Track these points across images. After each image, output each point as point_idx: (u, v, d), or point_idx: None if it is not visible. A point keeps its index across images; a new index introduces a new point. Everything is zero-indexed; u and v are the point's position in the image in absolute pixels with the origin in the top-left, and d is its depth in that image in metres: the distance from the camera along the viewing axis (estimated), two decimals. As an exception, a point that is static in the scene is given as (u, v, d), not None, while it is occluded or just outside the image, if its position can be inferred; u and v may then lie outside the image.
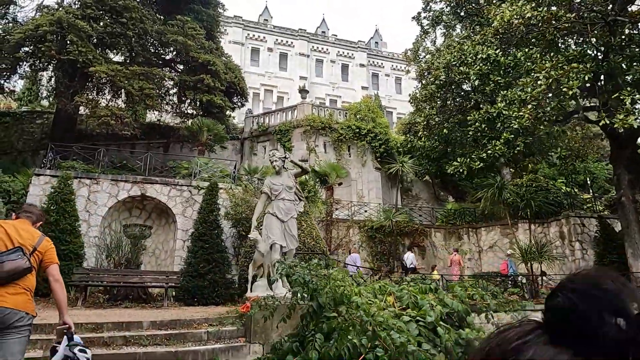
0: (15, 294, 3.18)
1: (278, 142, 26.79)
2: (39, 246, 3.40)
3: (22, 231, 3.42)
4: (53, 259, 3.50)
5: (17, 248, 3.26)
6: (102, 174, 12.98)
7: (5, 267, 3.13)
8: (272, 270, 6.36)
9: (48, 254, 3.47)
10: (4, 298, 3.13)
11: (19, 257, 3.22)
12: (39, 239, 3.46)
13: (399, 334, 2.66)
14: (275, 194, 6.69)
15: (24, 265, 3.21)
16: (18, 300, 3.19)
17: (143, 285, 10.39)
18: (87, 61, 17.69)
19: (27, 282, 3.28)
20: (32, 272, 3.32)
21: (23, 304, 3.20)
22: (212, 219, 12.22)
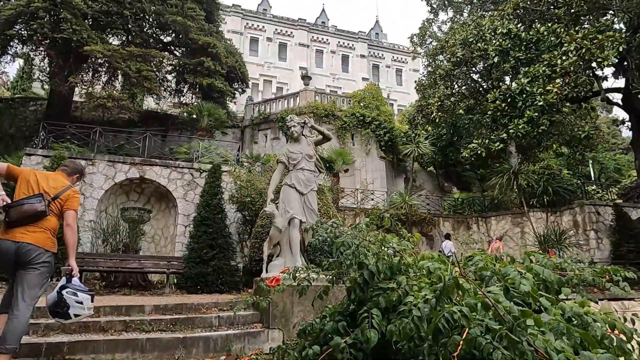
0: (35, 232, 3.60)
1: (280, 129, 25.99)
2: (62, 194, 3.79)
3: (51, 181, 3.86)
4: (70, 207, 3.84)
5: (39, 194, 3.67)
6: (98, 154, 12.18)
7: (23, 209, 3.57)
8: (291, 248, 5.64)
9: (68, 202, 3.85)
10: (24, 235, 3.55)
11: (37, 202, 3.62)
12: (64, 188, 3.85)
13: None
14: (294, 163, 5.95)
15: (39, 209, 3.60)
16: (38, 237, 3.60)
17: (143, 271, 9.65)
18: (81, 40, 16.81)
19: (47, 224, 3.69)
20: (50, 215, 3.71)
21: (42, 240, 3.63)
22: (215, 203, 11.48)
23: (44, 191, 3.75)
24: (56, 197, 3.78)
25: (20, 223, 3.57)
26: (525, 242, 18.97)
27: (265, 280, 5.42)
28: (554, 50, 11.07)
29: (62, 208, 3.82)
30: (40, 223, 3.64)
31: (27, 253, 3.54)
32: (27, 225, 3.59)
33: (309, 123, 6.10)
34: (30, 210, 3.59)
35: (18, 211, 3.58)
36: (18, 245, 3.53)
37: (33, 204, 3.62)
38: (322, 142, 6.29)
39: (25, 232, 3.58)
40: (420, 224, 20.02)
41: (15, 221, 3.57)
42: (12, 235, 3.55)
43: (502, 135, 11.63)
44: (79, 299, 3.72)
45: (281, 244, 5.79)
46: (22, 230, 3.57)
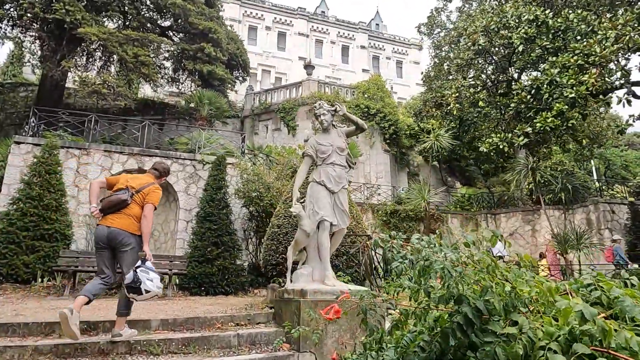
0: (120, 218, 4.32)
1: (281, 120, 25.17)
2: (144, 189, 4.48)
3: (139, 179, 4.60)
4: (149, 200, 4.49)
5: (125, 188, 4.44)
6: (93, 143, 11.29)
7: (111, 198, 4.32)
8: (320, 254, 4.89)
9: (149, 196, 4.50)
10: (113, 222, 4.29)
11: (122, 193, 4.37)
12: (147, 184, 4.55)
13: None
14: (323, 157, 5.15)
15: (123, 198, 4.32)
16: (123, 222, 4.32)
17: (143, 272, 8.85)
18: (75, 22, 15.81)
19: (131, 211, 4.38)
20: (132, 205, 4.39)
21: (127, 225, 4.32)
22: (220, 197, 10.68)
23: (130, 186, 4.51)
24: (139, 191, 4.50)
25: (109, 211, 4.35)
26: (536, 240, 18.40)
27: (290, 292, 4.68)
28: (587, 38, 10.32)
29: (144, 201, 4.49)
30: (125, 211, 4.38)
31: (115, 236, 4.31)
32: (115, 213, 4.36)
33: (341, 110, 5.30)
34: (115, 199, 4.35)
35: (107, 201, 4.39)
36: (110, 230, 4.32)
37: (119, 194, 4.41)
38: (355, 133, 5.49)
39: (115, 219, 4.35)
40: (428, 221, 19.39)
41: (105, 209, 4.36)
42: (104, 221, 4.38)
43: (527, 129, 10.90)
44: (150, 277, 4.21)
45: (308, 249, 5.03)
46: (111, 217, 4.35)
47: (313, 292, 4.47)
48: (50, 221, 9.27)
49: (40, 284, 8.58)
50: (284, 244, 6.41)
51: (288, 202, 6.87)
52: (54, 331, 4.30)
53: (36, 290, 8.15)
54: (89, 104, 20.69)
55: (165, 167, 4.93)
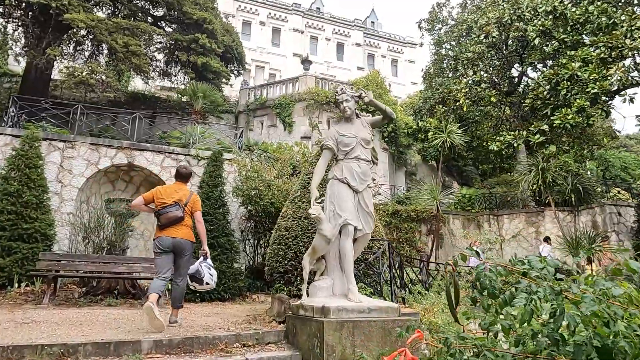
0: (180, 230, 5.28)
1: (277, 116, 24.38)
2: (189, 201, 5.44)
3: (179, 191, 5.50)
4: (197, 208, 5.55)
5: (176, 203, 5.31)
6: (79, 135, 10.43)
7: (169, 215, 5.22)
8: (342, 264, 4.17)
9: (195, 205, 5.53)
10: (176, 232, 5.25)
11: (176, 209, 5.28)
12: (189, 196, 5.50)
13: None
14: (346, 150, 4.40)
15: (179, 215, 5.27)
16: (184, 233, 5.31)
17: (132, 277, 8.06)
18: (61, 7, 14.86)
19: (186, 222, 5.38)
20: (186, 218, 5.36)
21: (186, 235, 5.33)
22: (216, 196, 9.93)
23: (177, 200, 5.29)
24: (186, 204, 5.34)
25: (169, 225, 5.18)
26: (540, 243, 17.88)
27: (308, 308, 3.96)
28: (607, 31, 9.75)
29: (192, 210, 5.42)
30: (182, 222, 5.25)
31: (180, 245, 5.18)
32: (174, 226, 5.19)
33: (367, 96, 4.58)
34: (173, 216, 5.18)
35: (166, 218, 5.19)
36: (176, 240, 5.17)
37: (174, 211, 5.19)
38: (381, 122, 4.78)
39: (176, 230, 5.19)
40: (429, 222, 18.78)
41: (166, 224, 5.18)
42: (168, 233, 5.17)
43: (543, 126, 10.30)
44: (211, 272, 5.28)
45: (327, 258, 4.31)
46: (175, 229, 5.19)
47: (337, 310, 3.75)
48: (30, 220, 8.42)
49: (16, 289, 7.74)
50: (293, 249, 5.68)
51: (296, 202, 6.14)
52: (22, 357, 3.52)
53: (12, 297, 7.32)
54: (77, 96, 19.71)
55: (189, 171, 5.78)
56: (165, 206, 5.21)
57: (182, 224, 5.26)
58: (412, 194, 17.93)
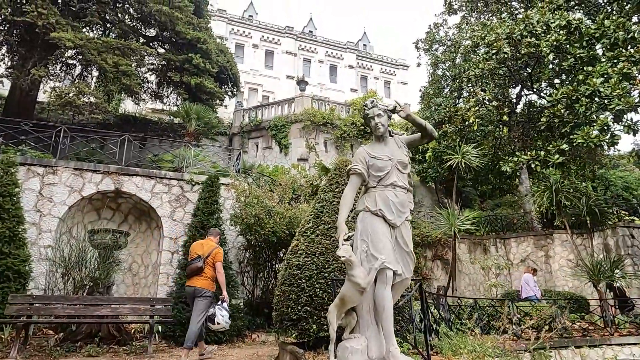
0: (200, 280, 6.31)
1: (273, 138, 23.70)
2: (210, 254, 6.47)
3: (205, 246, 6.61)
4: (217, 259, 6.50)
5: (198, 257, 6.43)
6: (61, 160, 9.52)
7: (191, 267, 6.35)
8: (379, 319, 3.31)
9: (216, 257, 6.51)
10: (195, 282, 6.30)
11: (197, 262, 6.37)
12: (211, 249, 6.53)
13: None
14: (379, 175, 3.57)
15: (198, 266, 6.32)
16: (203, 282, 6.31)
17: (118, 321, 7.06)
18: (48, 26, 14.16)
19: (206, 274, 6.37)
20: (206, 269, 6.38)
21: (204, 285, 6.30)
22: (212, 224, 9.04)
23: (200, 254, 6.47)
24: (207, 256, 6.46)
25: (192, 275, 6.37)
26: (550, 267, 17.09)
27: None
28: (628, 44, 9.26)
29: (213, 262, 6.48)
30: (202, 274, 6.37)
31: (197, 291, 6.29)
32: (196, 276, 6.35)
33: (404, 111, 3.78)
34: (194, 267, 6.36)
35: (189, 269, 6.43)
36: (194, 288, 6.32)
37: (196, 263, 6.38)
38: (420, 142, 3.90)
39: (196, 280, 6.34)
40: (434, 246, 17.94)
41: (189, 274, 6.40)
42: (191, 282, 6.36)
43: (563, 146, 9.65)
44: (222, 314, 6.13)
45: (360, 311, 3.44)
46: (195, 279, 6.35)
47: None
48: (1, 255, 7.44)
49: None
50: (308, 291, 4.80)
51: (309, 235, 5.29)
52: None
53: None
54: (64, 119, 18.84)
55: (216, 230, 7.24)
56: (191, 259, 6.51)
57: (202, 274, 6.34)
58: (415, 217, 17.12)
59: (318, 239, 5.18)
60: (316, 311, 4.68)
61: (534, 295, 11.41)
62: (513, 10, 16.44)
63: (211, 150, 15.00)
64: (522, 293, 11.93)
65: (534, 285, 11.82)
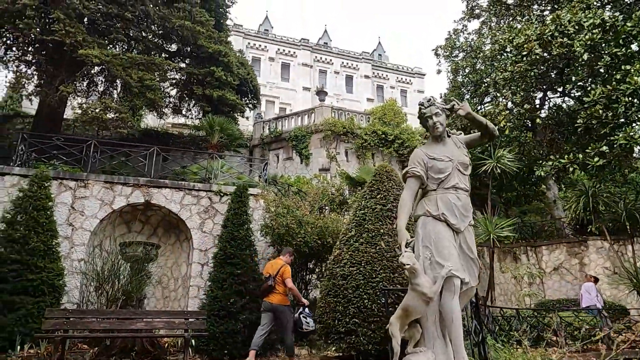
0: (275, 296, 6.98)
1: (293, 149, 23.65)
2: (278, 272, 7.07)
3: (274, 265, 7.28)
4: (284, 276, 7.05)
5: (269, 276, 7.10)
6: (92, 173, 9.57)
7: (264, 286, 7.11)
8: (446, 332, 3.08)
9: (284, 274, 7.06)
10: (271, 299, 6.98)
11: (269, 281, 7.04)
12: (280, 268, 7.13)
13: None
14: (440, 177, 3.36)
15: (269, 284, 7.00)
16: (277, 299, 6.99)
17: (152, 335, 6.94)
18: (75, 44, 14.44)
19: (278, 290, 7.00)
20: (277, 287, 7.00)
21: (279, 300, 6.97)
22: (242, 235, 8.90)
23: (270, 273, 7.14)
24: (277, 274, 7.07)
25: (266, 293, 7.04)
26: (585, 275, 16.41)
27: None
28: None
29: (282, 278, 7.04)
30: (275, 290, 6.99)
31: (274, 307, 6.96)
32: (271, 294, 7.00)
33: (462, 108, 3.57)
34: (266, 286, 7.05)
35: (263, 288, 7.15)
36: (271, 305, 6.98)
37: (267, 282, 7.05)
38: (480, 141, 3.69)
39: (272, 296, 6.99)
40: (463, 255, 17.47)
41: (264, 292, 7.10)
42: (268, 299, 7.01)
43: (603, 148, 9.27)
44: (307, 320, 6.83)
45: (424, 323, 3.21)
46: (271, 296, 6.99)
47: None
48: (37, 269, 7.43)
49: (19, 352, 6.64)
50: (356, 302, 4.59)
51: (352, 244, 5.10)
52: None
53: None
54: (89, 135, 19.16)
55: (288, 250, 7.66)
56: (265, 278, 7.20)
57: (275, 291, 6.96)
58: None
59: (363, 248, 4.97)
60: (365, 323, 4.46)
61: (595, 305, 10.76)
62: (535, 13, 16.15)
63: (234, 161, 14.96)
64: (582, 302, 11.31)
65: (596, 295, 11.21)
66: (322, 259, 9.54)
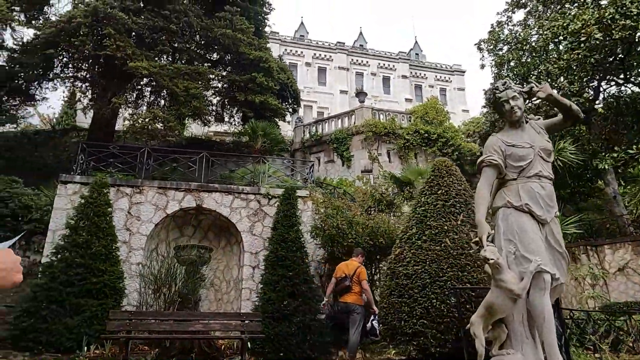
0: (350, 296, 7.21)
1: (334, 151, 23.59)
2: (355, 273, 7.27)
3: (349, 265, 7.49)
4: (361, 278, 7.26)
5: (345, 276, 7.30)
6: (146, 180, 9.87)
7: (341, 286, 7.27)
8: (536, 332, 2.83)
9: (360, 275, 7.28)
10: (347, 298, 7.22)
11: (345, 281, 7.25)
12: (355, 269, 7.34)
13: None
14: (520, 165, 3.09)
15: (347, 284, 7.21)
16: (353, 298, 7.20)
17: (210, 337, 7.00)
18: (125, 57, 15.09)
19: (354, 290, 7.21)
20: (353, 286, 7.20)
21: (354, 300, 7.18)
22: (293, 237, 8.86)
23: (347, 273, 7.34)
24: (353, 275, 7.26)
25: (343, 293, 7.28)
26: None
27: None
28: None
29: (359, 279, 7.24)
30: (351, 291, 7.20)
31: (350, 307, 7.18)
32: (347, 293, 7.23)
33: (542, 91, 3.29)
34: (343, 286, 7.24)
35: (339, 287, 7.34)
36: (346, 304, 7.22)
37: (344, 282, 7.24)
38: (562, 126, 3.37)
39: (347, 296, 7.22)
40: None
41: (340, 291, 7.34)
42: (344, 299, 7.27)
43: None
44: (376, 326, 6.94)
45: (510, 323, 2.96)
46: (346, 296, 7.23)
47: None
48: (99, 273, 7.70)
49: (85, 353, 6.88)
50: (423, 303, 4.38)
51: (414, 241, 4.89)
52: None
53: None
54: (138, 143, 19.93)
55: (360, 251, 7.91)
56: (340, 278, 7.34)
57: (351, 291, 7.17)
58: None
59: (426, 245, 4.75)
60: (434, 324, 4.24)
61: None
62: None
63: (278, 164, 15.03)
64: None
65: None
66: (374, 259, 9.34)
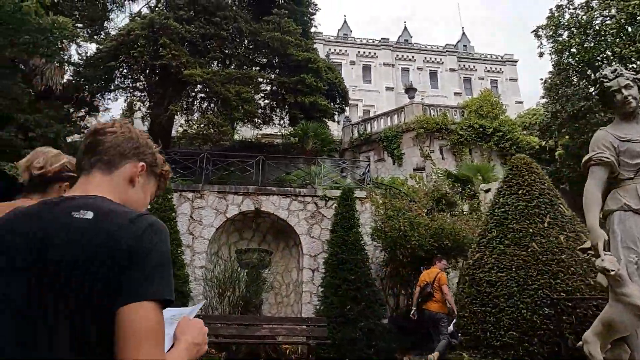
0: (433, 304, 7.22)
1: (384, 150, 23.09)
2: (434, 280, 7.30)
3: (430, 273, 7.50)
4: (441, 283, 7.27)
5: (427, 283, 7.35)
6: (206, 184, 10.07)
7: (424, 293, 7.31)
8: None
9: (440, 281, 7.29)
10: (430, 306, 7.22)
11: (427, 288, 7.29)
12: (435, 275, 7.39)
13: None
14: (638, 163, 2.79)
15: (428, 291, 7.24)
16: (436, 307, 7.20)
17: (276, 342, 6.97)
18: (180, 65, 15.59)
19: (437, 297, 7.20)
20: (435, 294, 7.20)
21: (438, 308, 7.18)
22: (352, 239, 8.68)
23: (427, 281, 7.38)
24: (433, 281, 7.29)
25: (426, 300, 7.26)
26: None
27: None
28: None
29: (439, 285, 7.27)
30: (433, 298, 7.21)
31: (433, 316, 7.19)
32: (429, 301, 7.24)
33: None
34: (426, 293, 7.27)
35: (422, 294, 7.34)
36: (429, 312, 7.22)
37: (427, 289, 7.27)
38: None
39: (430, 304, 7.23)
40: (588, 256, 15.55)
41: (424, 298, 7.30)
42: (427, 306, 7.24)
43: None
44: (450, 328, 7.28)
45: (633, 342, 2.63)
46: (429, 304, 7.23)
47: None
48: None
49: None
50: (510, 313, 4.05)
51: (494, 246, 4.54)
52: None
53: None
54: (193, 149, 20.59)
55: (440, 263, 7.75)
56: (422, 286, 7.37)
57: (433, 299, 7.16)
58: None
59: (510, 250, 4.40)
60: (526, 337, 3.89)
61: None
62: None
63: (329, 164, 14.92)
64: None
65: None
66: (438, 262, 8.94)
